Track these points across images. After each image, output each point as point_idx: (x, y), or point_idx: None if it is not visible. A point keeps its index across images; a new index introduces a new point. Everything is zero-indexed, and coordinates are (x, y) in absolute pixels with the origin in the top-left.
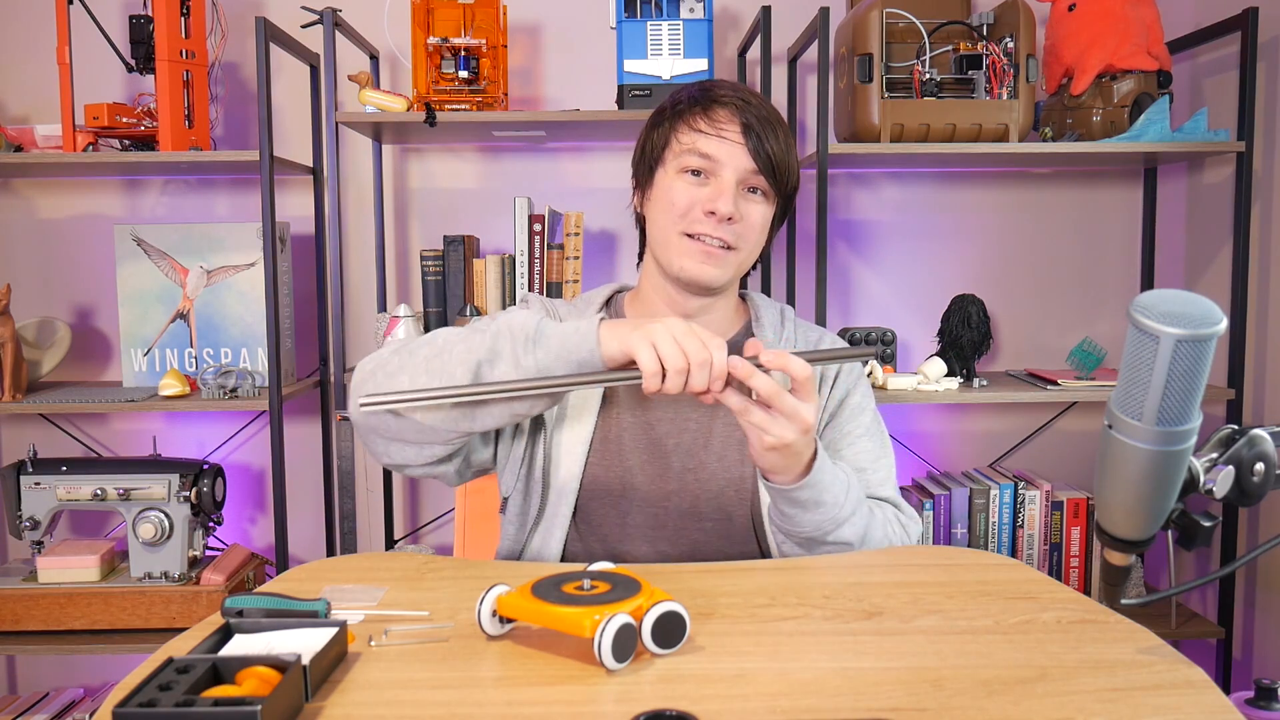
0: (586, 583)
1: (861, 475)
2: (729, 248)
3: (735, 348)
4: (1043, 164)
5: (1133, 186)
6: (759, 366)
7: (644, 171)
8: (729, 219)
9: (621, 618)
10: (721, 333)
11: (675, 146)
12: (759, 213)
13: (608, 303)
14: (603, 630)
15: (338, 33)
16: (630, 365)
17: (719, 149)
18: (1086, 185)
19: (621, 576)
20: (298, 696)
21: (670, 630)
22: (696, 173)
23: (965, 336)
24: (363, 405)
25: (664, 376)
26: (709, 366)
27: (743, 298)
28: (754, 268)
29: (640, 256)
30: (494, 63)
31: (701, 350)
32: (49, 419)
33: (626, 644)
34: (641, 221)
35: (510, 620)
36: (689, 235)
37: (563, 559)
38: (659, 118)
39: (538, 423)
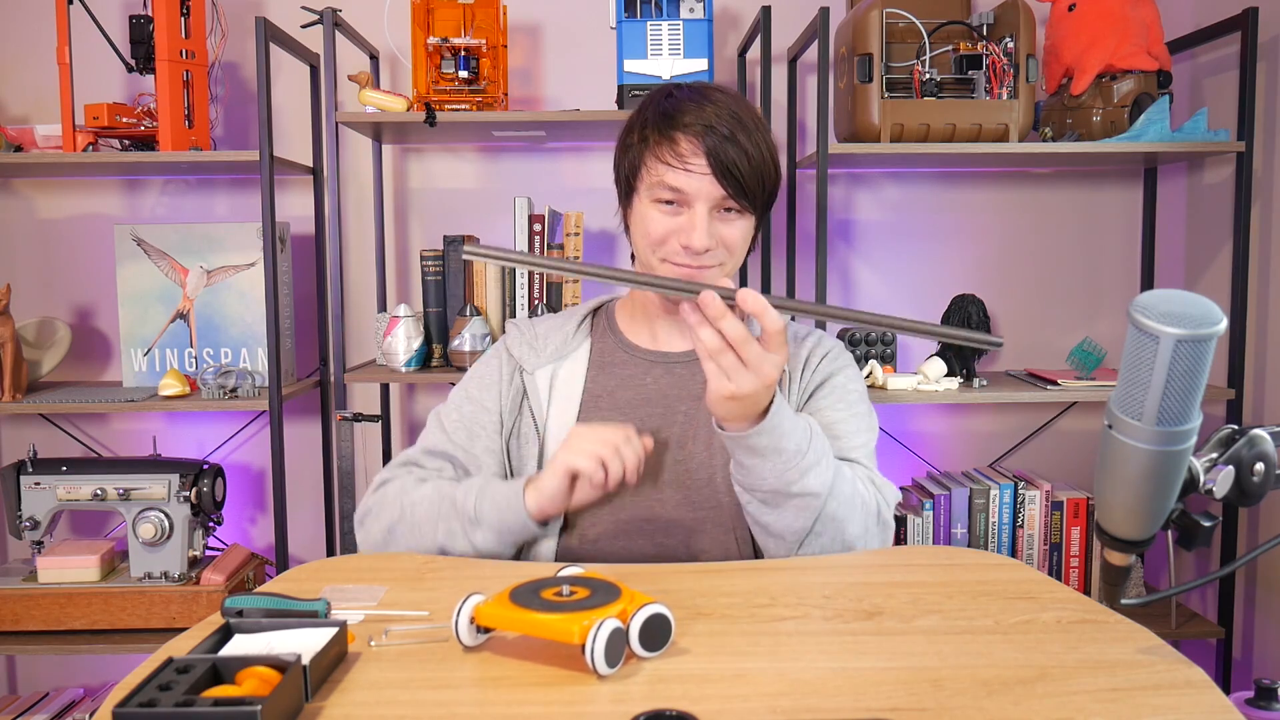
0: (565, 588)
1: (835, 443)
2: (711, 266)
3: None
4: (1043, 164)
5: (1133, 186)
6: (733, 309)
7: (622, 190)
8: (706, 250)
9: (612, 623)
10: None
11: (645, 176)
12: (739, 229)
13: (595, 313)
14: (594, 636)
15: (338, 33)
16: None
17: (687, 183)
18: (1086, 185)
19: (597, 581)
20: (298, 696)
21: (656, 633)
22: (669, 202)
23: None
24: (466, 255)
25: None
26: (631, 442)
27: None
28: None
29: (633, 259)
30: (494, 63)
31: (616, 439)
32: (49, 419)
33: (617, 649)
34: (629, 230)
35: (488, 630)
36: (670, 263)
37: (556, 558)
38: (628, 139)
39: (529, 437)
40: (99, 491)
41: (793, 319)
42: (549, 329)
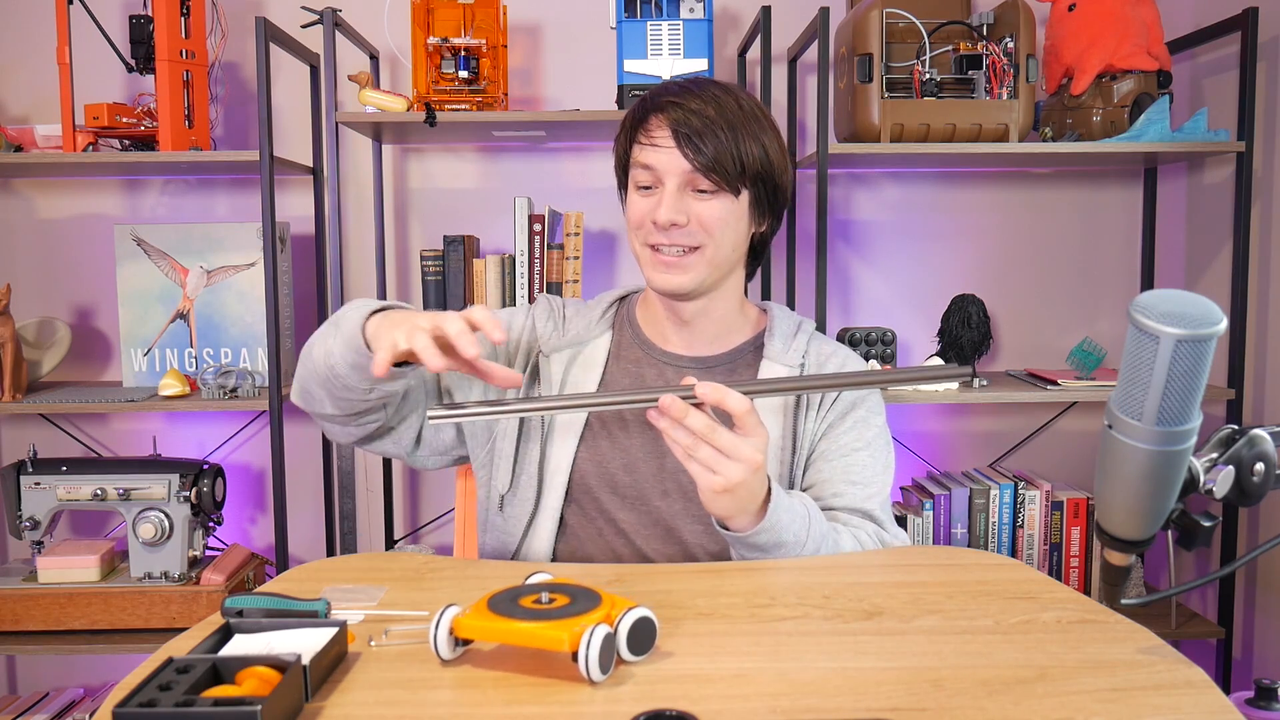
0: (544, 595)
1: (850, 489)
2: (691, 249)
3: (740, 355)
4: (1043, 164)
5: (1133, 186)
6: (696, 405)
7: (620, 190)
8: (673, 225)
9: (603, 629)
10: (722, 338)
11: (630, 164)
12: (715, 208)
13: (620, 301)
14: (587, 643)
15: (338, 33)
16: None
17: (655, 158)
18: (1086, 185)
19: (574, 587)
20: (298, 696)
21: (643, 637)
22: (647, 186)
23: (965, 336)
24: (431, 418)
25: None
26: (460, 323)
27: (765, 310)
28: (758, 266)
29: None
30: (494, 63)
31: (451, 322)
32: (49, 419)
33: (609, 654)
34: None
35: (466, 641)
36: (650, 247)
37: (554, 559)
38: (618, 133)
39: (534, 421)
40: (99, 491)
41: (805, 334)
42: (575, 312)
